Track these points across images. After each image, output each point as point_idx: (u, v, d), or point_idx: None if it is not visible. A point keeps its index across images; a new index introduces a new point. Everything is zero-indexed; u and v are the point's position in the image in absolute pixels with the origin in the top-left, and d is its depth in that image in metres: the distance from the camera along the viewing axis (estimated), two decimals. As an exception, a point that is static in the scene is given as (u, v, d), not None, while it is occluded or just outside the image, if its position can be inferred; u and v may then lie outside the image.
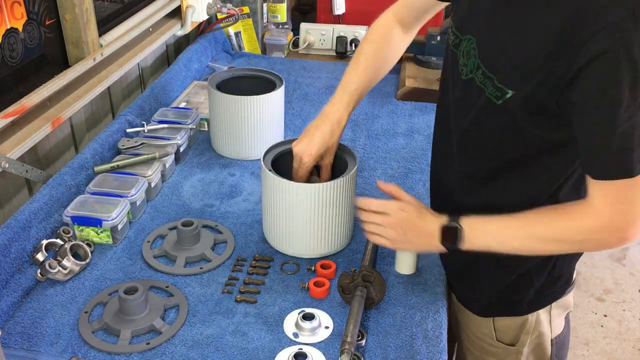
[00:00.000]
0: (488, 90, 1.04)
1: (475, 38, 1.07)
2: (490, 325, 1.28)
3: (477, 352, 1.34)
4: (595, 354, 2.47)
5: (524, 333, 1.26)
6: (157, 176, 1.51)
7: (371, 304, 1.19)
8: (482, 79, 1.05)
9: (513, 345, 1.28)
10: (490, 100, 1.04)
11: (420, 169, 1.66)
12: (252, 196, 1.54)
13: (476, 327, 1.31)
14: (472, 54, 1.08)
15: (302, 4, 3.22)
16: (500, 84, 1.02)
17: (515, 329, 1.26)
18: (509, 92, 1.01)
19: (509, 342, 1.28)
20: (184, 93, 1.97)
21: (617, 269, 2.91)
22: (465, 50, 1.10)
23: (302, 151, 1.28)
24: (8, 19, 1.34)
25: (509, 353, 1.29)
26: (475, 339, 1.33)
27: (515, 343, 1.28)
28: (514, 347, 1.28)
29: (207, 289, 1.24)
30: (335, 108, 1.30)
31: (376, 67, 1.34)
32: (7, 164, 1.28)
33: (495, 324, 1.28)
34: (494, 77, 1.03)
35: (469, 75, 1.09)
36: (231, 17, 2.27)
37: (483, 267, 1.23)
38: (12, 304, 1.17)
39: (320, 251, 1.32)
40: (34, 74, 1.45)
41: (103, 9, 1.72)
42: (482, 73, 1.05)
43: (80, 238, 1.34)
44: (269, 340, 1.12)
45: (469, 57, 1.09)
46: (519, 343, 1.27)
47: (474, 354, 1.35)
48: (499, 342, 1.29)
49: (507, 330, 1.27)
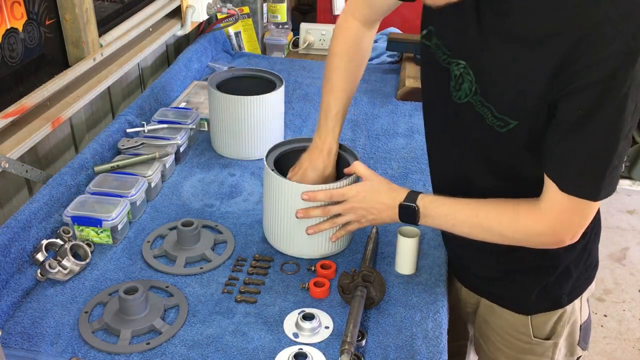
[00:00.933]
0: (488, 119, 1.04)
1: (469, 64, 1.05)
2: (527, 324, 1.27)
3: (513, 352, 1.32)
4: (595, 354, 2.47)
5: (560, 325, 1.27)
6: (157, 176, 1.51)
7: (371, 304, 1.19)
8: (481, 107, 1.05)
9: (549, 338, 1.28)
10: (493, 128, 1.04)
11: (420, 169, 1.66)
12: (252, 196, 1.54)
13: (512, 327, 1.29)
14: (466, 79, 1.06)
15: (302, 4, 3.22)
16: (500, 115, 1.02)
17: (553, 322, 1.27)
18: (512, 122, 1.01)
19: (546, 336, 1.28)
20: (184, 93, 1.97)
21: (617, 269, 2.91)
22: (458, 74, 1.07)
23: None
24: (8, 19, 1.34)
25: (547, 347, 1.29)
26: (511, 339, 1.31)
27: (552, 336, 1.28)
28: (550, 340, 1.28)
29: (207, 289, 1.24)
30: (322, 139, 1.31)
31: (351, 80, 1.34)
32: (7, 164, 1.28)
33: (532, 321, 1.27)
34: (492, 107, 1.03)
35: (463, 99, 1.08)
36: (231, 17, 2.27)
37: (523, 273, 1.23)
38: (12, 304, 1.17)
39: (320, 251, 1.32)
40: (34, 74, 1.45)
41: (103, 9, 1.72)
42: (480, 101, 1.05)
43: (80, 238, 1.34)
44: (269, 340, 1.12)
45: (463, 82, 1.07)
46: (556, 335, 1.28)
47: (509, 354, 1.33)
48: (536, 338, 1.28)
49: (545, 325, 1.27)
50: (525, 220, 1.05)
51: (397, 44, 2.25)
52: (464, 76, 1.06)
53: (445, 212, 1.13)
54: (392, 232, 1.39)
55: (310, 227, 1.25)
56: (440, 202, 1.14)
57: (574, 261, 1.21)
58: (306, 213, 1.23)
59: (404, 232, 1.28)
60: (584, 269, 1.25)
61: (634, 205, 3.36)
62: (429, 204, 1.14)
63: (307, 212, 1.23)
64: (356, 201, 1.20)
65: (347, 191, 1.21)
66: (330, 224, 1.24)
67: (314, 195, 1.22)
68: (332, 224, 1.24)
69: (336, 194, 1.21)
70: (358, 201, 1.20)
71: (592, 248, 1.25)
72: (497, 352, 1.35)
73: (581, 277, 1.25)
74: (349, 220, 1.23)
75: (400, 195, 1.16)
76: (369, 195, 1.20)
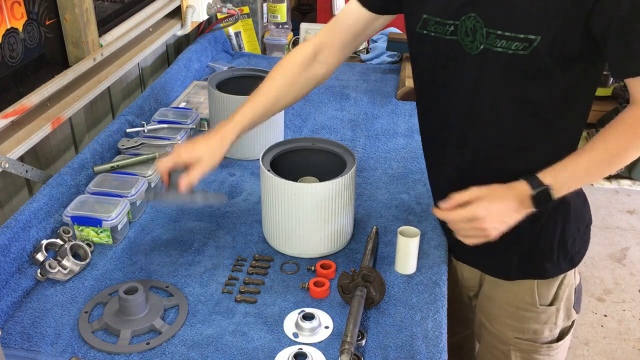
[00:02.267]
0: (512, 47, 1.06)
1: (477, 12, 1.09)
2: (533, 292, 1.30)
3: (518, 324, 1.35)
4: (595, 354, 2.47)
5: (561, 289, 1.30)
6: (157, 176, 1.51)
7: (371, 304, 1.19)
8: (498, 41, 1.07)
9: (552, 304, 1.31)
10: (517, 55, 1.06)
11: (420, 169, 1.66)
12: (252, 196, 1.54)
13: (517, 298, 1.32)
14: (476, 29, 1.10)
15: (302, 4, 3.22)
16: (523, 35, 1.04)
17: (556, 286, 1.30)
18: (537, 37, 1.03)
19: (550, 302, 1.31)
20: (184, 93, 1.97)
21: (617, 269, 2.91)
22: (466, 30, 1.11)
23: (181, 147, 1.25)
24: (8, 19, 1.34)
25: (550, 314, 1.32)
26: (517, 311, 1.33)
27: (555, 301, 1.31)
28: (553, 306, 1.31)
29: (207, 289, 1.24)
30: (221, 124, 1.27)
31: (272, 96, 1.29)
32: (7, 164, 1.28)
33: (538, 289, 1.30)
34: (513, 33, 1.05)
35: (478, 49, 1.11)
36: (231, 17, 2.27)
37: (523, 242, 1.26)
38: (12, 304, 1.17)
39: (320, 251, 1.32)
40: (34, 74, 1.45)
41: (103, 9, 1.72)
42: (496, 36, 1.07)
43: (80, 238, 1.34)
44: (269, 340, 1.12)
45: (474, 33, 1.10)
46: (558, 300, 1.31)
47: (515, 326, 1.35)
48: (541, 306, 1.31)
49: (549, 291, 1.30)
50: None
51: (397, 44, 2.26)
52: (475, 26, 1.10)
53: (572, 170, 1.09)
54: (392, 232, 1.39)
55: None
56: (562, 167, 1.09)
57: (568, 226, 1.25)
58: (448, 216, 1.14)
59: (404, 232, 1.28)
60: (579, 232, 1.28)
61: (634, 205, 3.36)
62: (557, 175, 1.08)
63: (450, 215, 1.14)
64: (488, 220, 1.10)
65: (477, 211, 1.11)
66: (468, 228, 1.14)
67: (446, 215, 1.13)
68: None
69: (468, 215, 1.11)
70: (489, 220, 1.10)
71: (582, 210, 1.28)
72: (504, 327, 1.37)
73: (576, 243, 1.28)
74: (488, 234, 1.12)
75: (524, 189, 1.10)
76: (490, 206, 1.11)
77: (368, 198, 1.53)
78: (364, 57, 2.42)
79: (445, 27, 1.14)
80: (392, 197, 1.54)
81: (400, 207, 1.50)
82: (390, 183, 1.60)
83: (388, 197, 1.54)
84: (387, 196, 1.54)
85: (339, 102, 2.05)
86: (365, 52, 2.45)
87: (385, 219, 1.45)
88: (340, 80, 2.21)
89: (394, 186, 1.59)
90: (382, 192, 1.56)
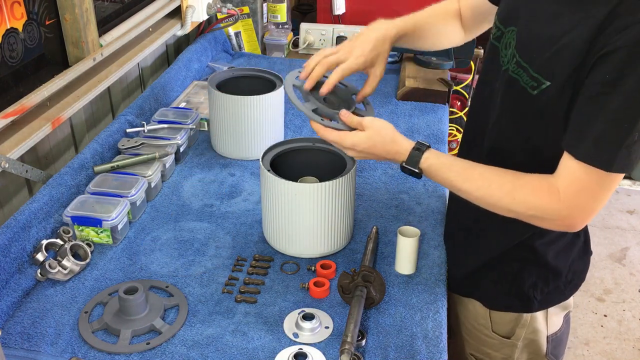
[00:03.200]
0: (523, 80, 1.05)
1: (517, 29, 1.08)
2: (486, 316, 1.31)
3: (475, 343, 1.36)
4: (595, 354, 2.47)
5: (519, 327, 1.29)
6: (157, 176, 1.51)
7: (371, 304, 1.19)
8: (515, 69, 1.06)
9: (508, 338, 1.30)
10: (526, 90, 1.04)
11: (420, 169, 1.66)
12: (252, 196, 1.54)
13: (473, 318, 1.34)
14: (510, 45, 1.09)
15: (302, 4, 3.22)
16: (536, 74, 1.02)
17: (511, 322, 1.29)
18: (546, 83, 1.01)
19: (505, 334, 1.31)
20: (184, 93, 1.97)
21: (617, 269, 2.91)
22: (506, 42, 1.11)
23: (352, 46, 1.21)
24: (8, 19, 1.34)
25: (505, 345, 1.31)
26: (473, 330, 1.35)
27: (511, 336, 1.30)
28: (509, 339, 1.30)
29: (207, 289, 1.24)
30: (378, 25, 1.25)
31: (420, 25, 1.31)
32: (7, 164, 1.28)
33: (491, 316, 1.30)
34: (528, 67, 1.03)
35: (505, 65, 1.10)
36: (231, 17, 2.27)
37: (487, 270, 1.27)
38: (12, 304, 1.17)
39: (320, 251, 1.32)
40: (34, 74, 1.45)
41: (103, 9, 1.72)
42: (516, 62, 1.06)
43: (80, 238, 1.34)
44: (269, 340, 1.12)
45: (508, 49, 1.09)
46: (515, 336, 1.30)
47: (472, 345, 1.37)
48: (494, 333, 1.31)
49: (503, 322, 1.30)
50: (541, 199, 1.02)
51: (397, 44, 2.25)
52: (510, 43, 1.09)
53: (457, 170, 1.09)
54: (392, 232, 1.39)
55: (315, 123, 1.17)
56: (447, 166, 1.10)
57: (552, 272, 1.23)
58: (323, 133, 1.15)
59: (404, 232, 1.28)
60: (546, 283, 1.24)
61: (634, 205, 3.36)
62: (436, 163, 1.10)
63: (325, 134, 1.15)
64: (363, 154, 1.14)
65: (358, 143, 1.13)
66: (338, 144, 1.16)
67: (323, 132, 1.15)
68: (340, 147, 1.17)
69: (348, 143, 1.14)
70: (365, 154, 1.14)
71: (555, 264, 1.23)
72: (463, 341, 1.39)
73: (540, 291, 1.25)
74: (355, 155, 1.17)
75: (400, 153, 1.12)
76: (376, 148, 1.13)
77: (368, 198, 1.53)
78: (364, 57, 2.41)
79: (497, 30, 1.15)
80: (392, 197, 1.54)
81: (400, 207, 1.50)
82: (390, 183, 1.60)
83: (388, 197, 1.54)
84: (387, 196, 1.54)
85: (339, 102, 2.04)
86: (365, 52, 2.45)
87: (385, 219, 1.45)
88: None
89: (394, 186, 1.59)
90: (382, 192, 1.56)
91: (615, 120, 0.93)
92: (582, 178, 0.98)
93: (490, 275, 1.28)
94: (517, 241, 1.20)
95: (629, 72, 0.90)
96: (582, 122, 0.97)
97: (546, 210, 1.02)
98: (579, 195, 0.99)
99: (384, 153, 1.13)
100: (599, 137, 0.95)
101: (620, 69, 0.90)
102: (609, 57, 0.91)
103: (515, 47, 1.07)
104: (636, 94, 0.91)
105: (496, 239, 1.23)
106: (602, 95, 0.93)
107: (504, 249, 1.23)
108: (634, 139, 0.93)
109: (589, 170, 0.97)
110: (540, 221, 1.06)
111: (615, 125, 0.93)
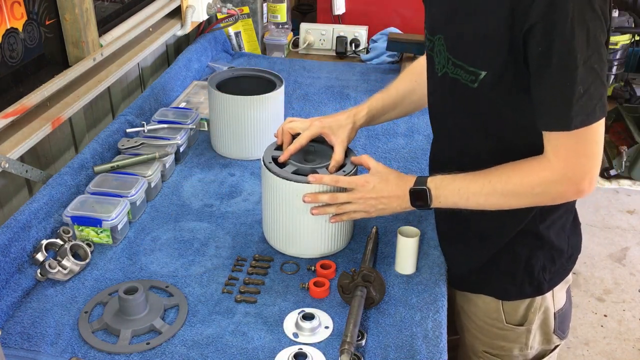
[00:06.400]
0: (462, 77, 1.11)
1: (443, 35, 1.14)
2: (499, 309, 1.31)
3: (487, 339, 1.36)
4: (595, 354, 2.47)
5: (532, 312, 1.30)
6: (157, 176, 1.51)
7: (371, 304, 1.19)
8: (453, 69, 1.12)
9: (522, 325, 1.31)
10: (467, 86, 1.10)
11: (420, 169, 1.66)
12: (252, 196, 1.54)
13: (485, 313, 1.33)
14: (442, 51, 1.15)
15: (302, 4, 3.22)
16: (472, 68, 1.08)
17: (523, 309, 1.30)
18: (482, 72, 1.07)
19: (518, 322, 1.31)
20: (184, 93, 1.97)
21: (617, 269, 2.91)
22: (438, 50, 1.17)
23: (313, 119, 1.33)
24: (8, 19, 1.34)
25: (519, 334, 1.32)
26: (485, 325, 1.35)
27: (524, 322, 1.31)
28: (523, 326, 1.31)
29: (207, 289, 1.24)
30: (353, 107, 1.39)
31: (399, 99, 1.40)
32: (7, 164, 1.28)
33: (503, 307, 1.30)
34: (463, 64, 1.09)
35: (442, 70, 1.16)
36: (231, 17, 2.27)
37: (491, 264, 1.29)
38: (12, 304, 1.17)
39: (320, 251, 1.32)
40: (34, 74, 1.45)
41: (103, 9, 1.72)
42: (452, 63, 1.12)
43: (80, 238, 1.34)
44: (269, 340, 1.12)
45: (440, 54, 1.16)
46: (528, 322, 1.31)
47: (484, 340, 1.37)
48: (508, 324, 1.32)
49: (516, 311, 1.30)
50: (537, 174, 1.07)
51: (397, 44, 2.26)
52: (440, 49, 1.16)
53: (458, 187, 1.13)
54: (392, 232, 1.39)
55: (315, 208, 1.22)
56: (450, 179, 1.14)
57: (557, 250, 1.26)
58: (314, 198, 1.20)
59: (404, 232, 1.28)
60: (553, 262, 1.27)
61: (634, 205, 3.36)
62: (440, 182, 1.15)
63: (315, 197, 1.20)
64: (365, 191, 1.19)
65: (356, 180, 1.20)
66: (335, 208, 1.21)
67: (319, 178, 1.20)
68: (339, 208, 1.21)
69: (343, 181, 1.20)
70: (367, 191, 1.19)
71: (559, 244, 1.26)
72: (474, 339, 1.39)
73: (548, 271, 1.27)
74: (357, 210, 1.21)
75: (409, 182, 1.18)
76: (378, 185, 1.19)
77: (368, 198, 1.53)
78: (364, 57, 2.42)
79: (428, 42, 1.22)
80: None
81: (400, 207, 1.50)
82: (390, 183, 1.60)
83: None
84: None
85: (339, 102, 2.05)
86: (365, 52, 2.45)
87: (385, 219, 1.45)
88: (340, 80, 2.21)
89: (394, 186, 1.58)
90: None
91: (558, 84, 0.99)
92: (560, 144, 1.04)
93: (500, 268, 1.28)
94: (519, 228, 1.22)
95: (552, 39, 0.96)
96: (538, 97, 1.03)
97: (548, 183, 1.07)
98: (568, 159, 1.04)
99: (395, 187, 1.18)
100: (551, 104, 1.01)
101: (547, 32, 0.96)
102: (531, 32, 0.98)
103: (447, 51, 1.13)
104: (564, 55, 0.96)
105: (498, 232, 1.25)
106: (541, 68, 0.99)
107: (508, 240, 1.24)
108: (580, 93, 0.98)
109: (559, 135, 1.02)
110: (549, 197, 1.10)
111: (559, 88, 0.99)
